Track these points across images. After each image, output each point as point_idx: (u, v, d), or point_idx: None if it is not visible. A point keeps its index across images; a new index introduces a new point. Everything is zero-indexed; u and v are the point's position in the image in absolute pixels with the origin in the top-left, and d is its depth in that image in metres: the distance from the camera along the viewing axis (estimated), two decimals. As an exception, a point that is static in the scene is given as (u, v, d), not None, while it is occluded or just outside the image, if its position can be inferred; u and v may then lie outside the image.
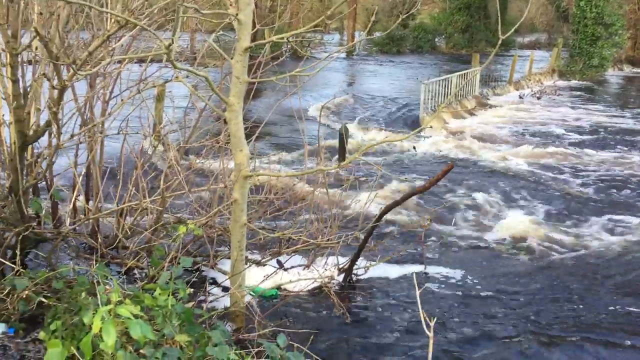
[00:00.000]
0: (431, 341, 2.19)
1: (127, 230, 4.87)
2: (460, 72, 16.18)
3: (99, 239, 4.72)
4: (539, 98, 19.74)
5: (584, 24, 25.08)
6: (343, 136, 9.79)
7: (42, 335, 3.04)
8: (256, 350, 3.23)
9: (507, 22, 32.76)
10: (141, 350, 2.61)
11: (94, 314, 2.62)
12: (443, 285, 5.63)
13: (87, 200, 5.19)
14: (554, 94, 20.58)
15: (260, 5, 25.03)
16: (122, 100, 4.93)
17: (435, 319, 2.30)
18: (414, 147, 11.82)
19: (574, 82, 24.56)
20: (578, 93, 21.43)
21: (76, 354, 2.65)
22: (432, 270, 5.93)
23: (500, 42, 3.69)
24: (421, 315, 2.17)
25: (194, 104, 5.67)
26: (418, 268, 5.88)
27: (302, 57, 6.29)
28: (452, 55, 33.44)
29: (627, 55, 31.80)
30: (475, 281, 5.74)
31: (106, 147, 5.36)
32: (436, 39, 37.71)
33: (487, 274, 5.93)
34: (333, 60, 4.71)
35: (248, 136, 4.03)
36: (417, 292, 2.29)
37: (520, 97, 19.51)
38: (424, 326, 2.21)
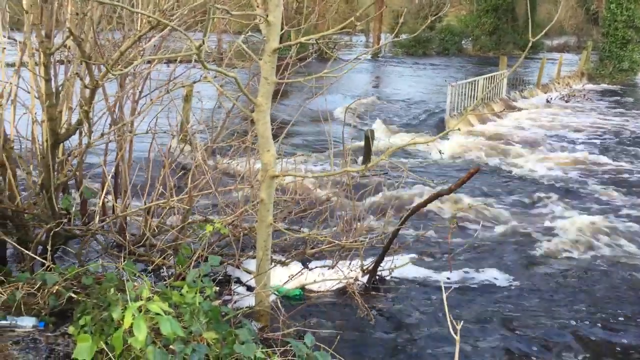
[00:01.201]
0: (458, 345, 2.18)
1: (155, 228, 4.93)
2: (488, 75, 16.04)
3: (127, 237, 4.78)
4: (567, 101, 19.48)
5: (614, 27, 24.75)
6: (369, 138, 9.77)
7: (71, 329, 3.10)
8: (282, 349, 3.24)
9: (536, 24, 32.38)
10: (170, 346, 2.65)
11: (122, 309, 2.67)
12: (470, 288, 5.59)
13: (116, 198, 5.26)
14: (583, 97, 20.29)
15: (287, 7, 25.12)
16: (151, 100, 5.00)
17: (462, 322, 2.29)
18: (440, 151, 11.74)
19: (603, 86, 24.22)
20: (608, 97, 21.10)
21: (105, 348, 2.69)
22: (459, 272, 5.88)
23: (530, 44, 3.66)
24: (447, 318, 2.16)
25: (222, 104, 5.71)
26: (444, 270, 5.83)
27: (328, 58, 6.30)
28: (479, 58, 33.21)
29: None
30: (502, 284, 5.69)
31: (135, 146, 5.43)
32: (463, 42, 37.47)
33: (514, 277, 5.86)
34: (360, 62, 4.71)
35: (274, 137, 4.05)
36: (444, 295, 2.28)
37: (548, 101, 19.25)
38: (451, 329, 2.20)
